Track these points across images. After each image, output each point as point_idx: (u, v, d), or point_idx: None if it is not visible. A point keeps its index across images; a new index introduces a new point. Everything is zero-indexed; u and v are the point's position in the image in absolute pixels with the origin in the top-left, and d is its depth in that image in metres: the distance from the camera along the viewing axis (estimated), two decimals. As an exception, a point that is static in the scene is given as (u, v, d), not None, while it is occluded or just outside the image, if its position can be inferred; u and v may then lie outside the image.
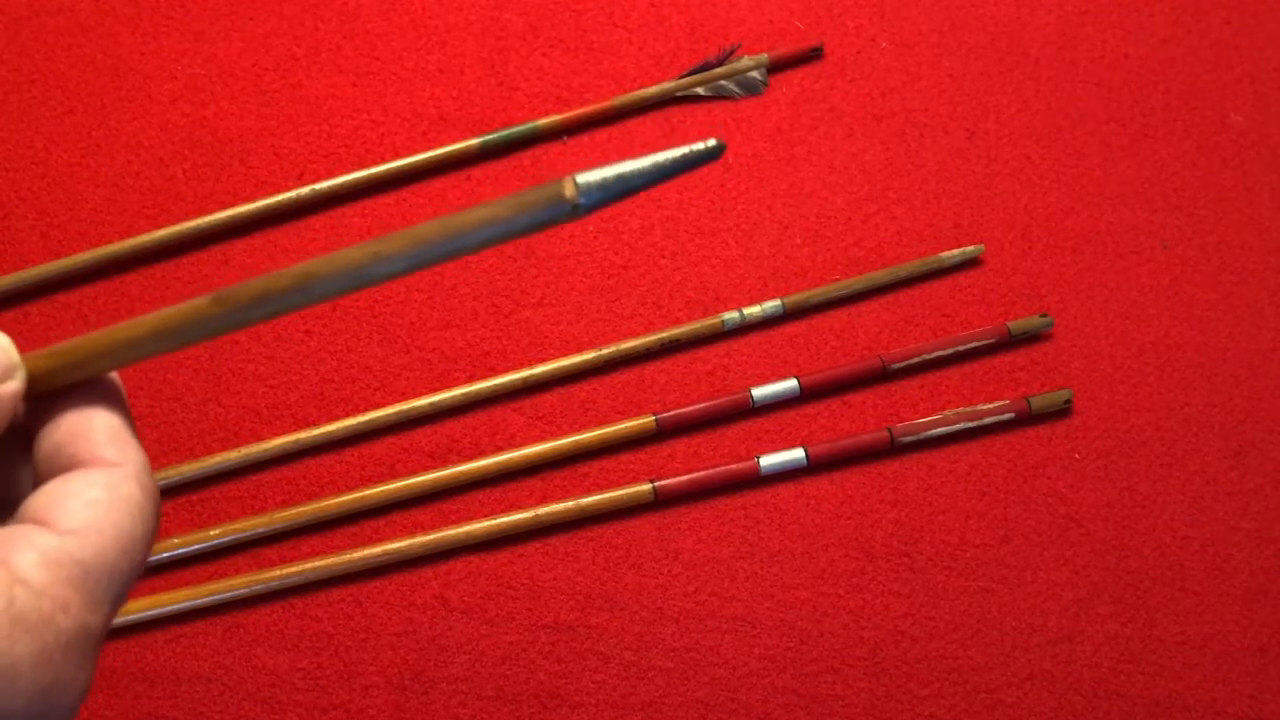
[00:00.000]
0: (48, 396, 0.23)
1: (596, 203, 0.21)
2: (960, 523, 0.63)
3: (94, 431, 0.22)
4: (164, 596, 0.60)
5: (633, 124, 0.73)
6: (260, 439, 0.64)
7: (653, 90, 0.73)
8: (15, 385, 0.22)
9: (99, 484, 0.21)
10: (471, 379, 0.65)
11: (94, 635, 0.20)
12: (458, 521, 0.62)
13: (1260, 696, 0.60)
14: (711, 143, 0.21)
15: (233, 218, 0.68)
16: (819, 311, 0.68)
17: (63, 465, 0.22)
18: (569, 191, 0.21)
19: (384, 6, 0.76)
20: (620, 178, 0.21)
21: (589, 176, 0.21)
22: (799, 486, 0.64)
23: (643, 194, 0.71)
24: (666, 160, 0.21)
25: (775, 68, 0.75)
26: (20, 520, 0.21)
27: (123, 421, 0.23)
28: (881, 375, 0.66)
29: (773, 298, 0.67)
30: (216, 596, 0.59)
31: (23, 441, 0.23)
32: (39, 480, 0.22)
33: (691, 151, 0.21)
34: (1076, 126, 0.74)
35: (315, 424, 0.64)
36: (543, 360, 0.66)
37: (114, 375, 0.24)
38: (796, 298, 0.67)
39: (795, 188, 0.71)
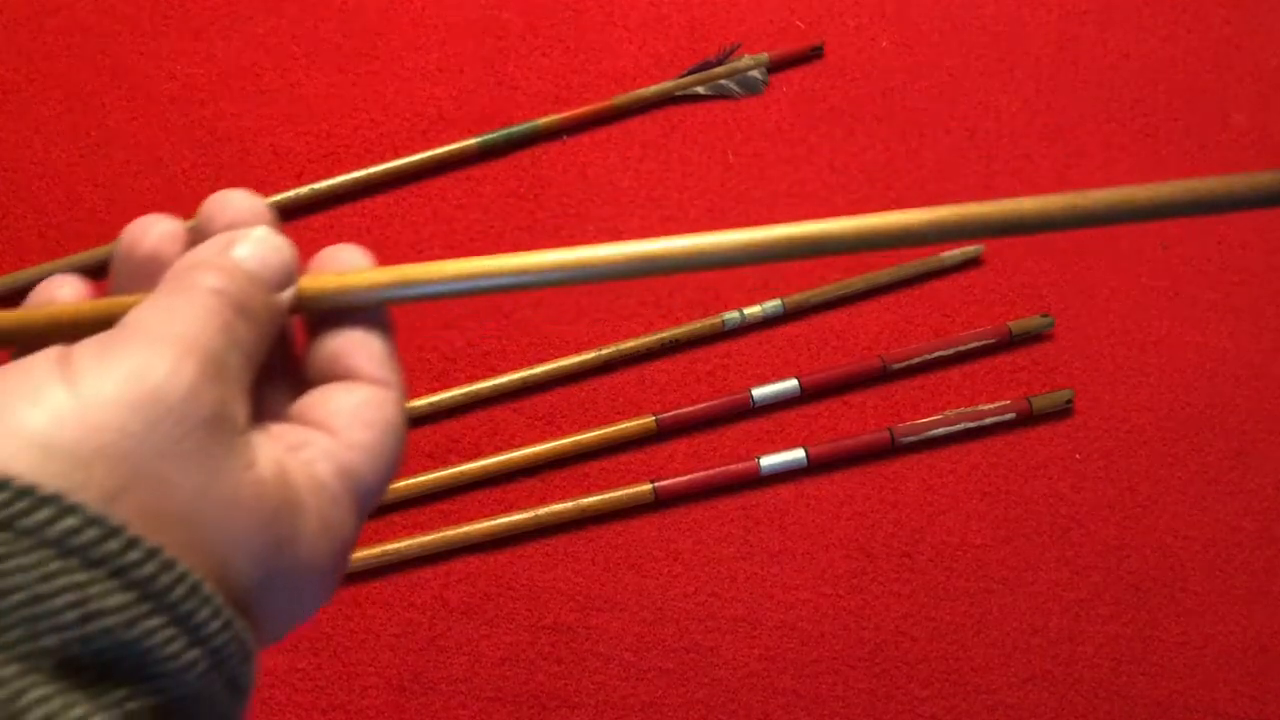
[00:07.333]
0: (321, 317, 0.24)
1: None
2: (961, 523, 0.63)
3: (371, 347, 0.24)
4: (163, 597, 0.59)
5: (633, 123, 0.73)
6: (260, 439, 0.63)
7: (653, 90, 0.73)
8: (290, 295, 0.24)
9: (375, 404, 0.23)
10: (471, 379, 0.65)
11: (352, 546, 0.23)
12: (457, 521, 0.62)
13: (1260, 697, 0.60)
14: None
15: (232, 218, 0.68)
16: (819, 311, 0.68)
17: (338, 373, 0.23)
18: None
19: (384, 6, 0.76)
20: None
21: None
22: (799, 487, 0.63)
23: (642, 193, 0.71)
24: None
25: (775, 67, 0.75)
26: (300, 420, 0.22)
27: (393, 347, 0.24)
28: (881, 375, 0.66)
29: (773, 298, 0.67)
30: (216, 597, 0.59)
31: (279, 357, 0.24)
32: (311, 381, 0.24)
33: None
34: (1076, 126, 0.74)
35: (315, 424, 0.64)
36: (543, 360, 0.66)
37: (386, 306, 0.25)
38: (796, 298, 0.67)
39: (795, 188, 0.71)
